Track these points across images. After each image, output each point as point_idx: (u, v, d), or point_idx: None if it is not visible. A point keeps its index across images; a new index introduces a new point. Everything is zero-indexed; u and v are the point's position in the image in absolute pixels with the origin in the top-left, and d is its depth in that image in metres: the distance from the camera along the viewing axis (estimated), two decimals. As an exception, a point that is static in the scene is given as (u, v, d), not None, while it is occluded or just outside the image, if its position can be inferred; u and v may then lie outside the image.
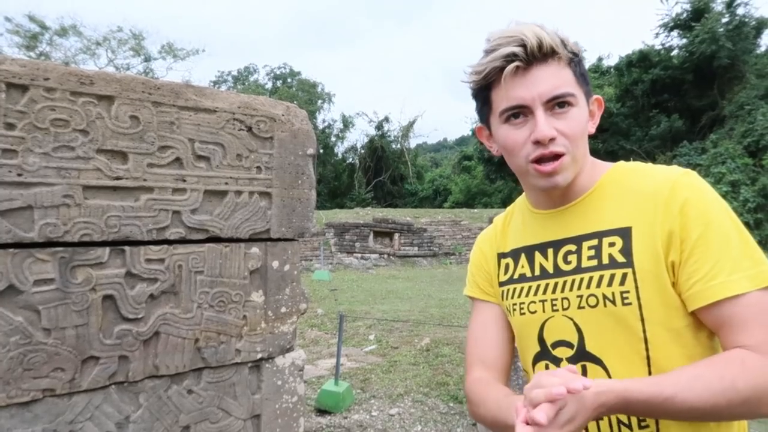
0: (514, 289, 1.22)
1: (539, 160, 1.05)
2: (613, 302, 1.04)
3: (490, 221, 1.43)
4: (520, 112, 1.05)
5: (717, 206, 1.01)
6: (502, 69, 1.04)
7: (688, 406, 0.89)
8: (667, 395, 0.89)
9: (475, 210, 27.00)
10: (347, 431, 4.41)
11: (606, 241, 1.07)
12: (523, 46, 1.01)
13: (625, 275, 1.03)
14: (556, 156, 1.04)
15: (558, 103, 1.04)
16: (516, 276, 1.23)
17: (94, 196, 1.48)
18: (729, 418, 0.95)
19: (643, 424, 1.04)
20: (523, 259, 1.23)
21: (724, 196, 24.01)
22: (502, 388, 1.18)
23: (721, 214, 1.00)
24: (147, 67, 35.21)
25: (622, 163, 1.18)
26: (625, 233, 1.05)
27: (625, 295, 1.03)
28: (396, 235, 19.14)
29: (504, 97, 1.06)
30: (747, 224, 23.23)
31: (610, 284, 1.05)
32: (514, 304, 1.21)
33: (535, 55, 1.02)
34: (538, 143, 1.03)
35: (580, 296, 1.08)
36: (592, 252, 1.09)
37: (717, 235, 0.98)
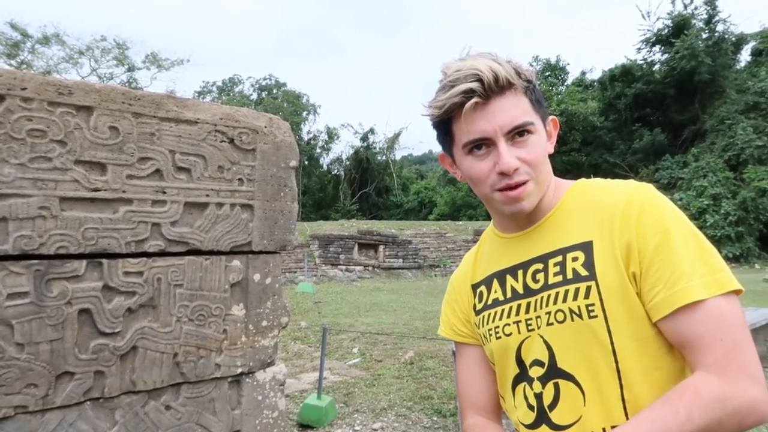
0: (489, 314, 1.23)
1: (505, 189, 1.08)
2: (580, 316, 1.05)
3: (475, 234, 1.46)
4: (482, 144, 1.08)
5: (672, 215, 1.03)
6: (461, 104, 1.06)
7: None
8: None
9: (460, 222, 27.07)
10: (330, 446, 4.36)
11: (569, 256, 1.09)
12: (480, 81, 1.04)
13: (589, 288, 1.05)
14: (521, 183, 1.08)
15: (518, 132, 1.07)
16: (490, 301, 1.24)
17: (71, 208, 1.45)
18: None
19: None
20: (495, 284, 1.24)
21: (706, 209, 24.48)
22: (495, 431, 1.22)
23: (677, 222, 1.02)
24: (131, 76, 35.09)
25: (582, 180, 1.20)
26: (586, 247, 1.08)
27: (590, 307, 1.04)
28: (381, 247, 19.12)
29: (466, 131, 1.09)
30: (728, 237, 23.66)
31: (575, 298, 1.06)
32: (490, 330, 1.22)
33: (492, 89, 1.05)
34: (503, 174, 1.06)
35: (549, 313, 1.10)
36: (557, 268, 1.11)
37: (674, 242, 0.99)
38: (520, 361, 1.16)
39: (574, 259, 1.08)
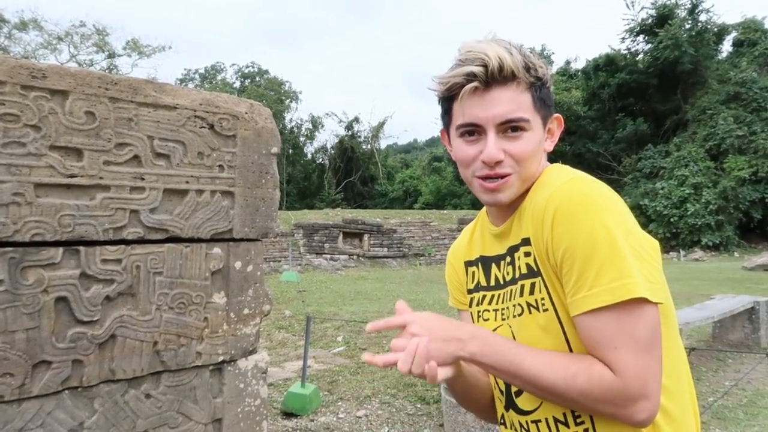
0: (476, 297, 1.28)
1: (484, 178, 1.09)
2: (537, 308, 1.09)
3: (460, 222, 1.48)
4: (474, 130, 1.08)
5: (586, 216, 0.99)
6: (462, 85, 1.06)
7: (530, 375, 0.98)
8: (515, 360, 0.98)
9: (445, 211, 27.13)
10: (314, 433, 4.37)
11: (523, 251, 1.12)
12: (485, 66, 1.04)
13: (537, 283, 1.08)
14: (503, 176, 1.08)
15: (511, 127, 1.06)
16: (478, 285, 1.29)
17: (46, 195, 1.43)
18: (565, 403, 1.02)
19: (578, 420, 1.06)
20: (481, 269, 1.28)
21: (687, 198, 24.75)
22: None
23: (588, 228, 0.98)
24: (111, 63, 34.56)
25: (545, 171, 1.16)
26: (530, 243, 1.10)
27: (542, 301, 1.07)
28: (365, 236, 19.10)
29: (461, 113, 1.09)
30: (708, 226, 23.92)
31: (531, 293, 1.09)
32: (478, 312, 1.28)
33: (495, 77, 1.04)
34: (485, 163, 1.07)
35: (514, 306, 1.14)
36: (520, 262, 1.14)
37: (580, 248, 0.98)
38: None
39: (527, 254, 1.11)
